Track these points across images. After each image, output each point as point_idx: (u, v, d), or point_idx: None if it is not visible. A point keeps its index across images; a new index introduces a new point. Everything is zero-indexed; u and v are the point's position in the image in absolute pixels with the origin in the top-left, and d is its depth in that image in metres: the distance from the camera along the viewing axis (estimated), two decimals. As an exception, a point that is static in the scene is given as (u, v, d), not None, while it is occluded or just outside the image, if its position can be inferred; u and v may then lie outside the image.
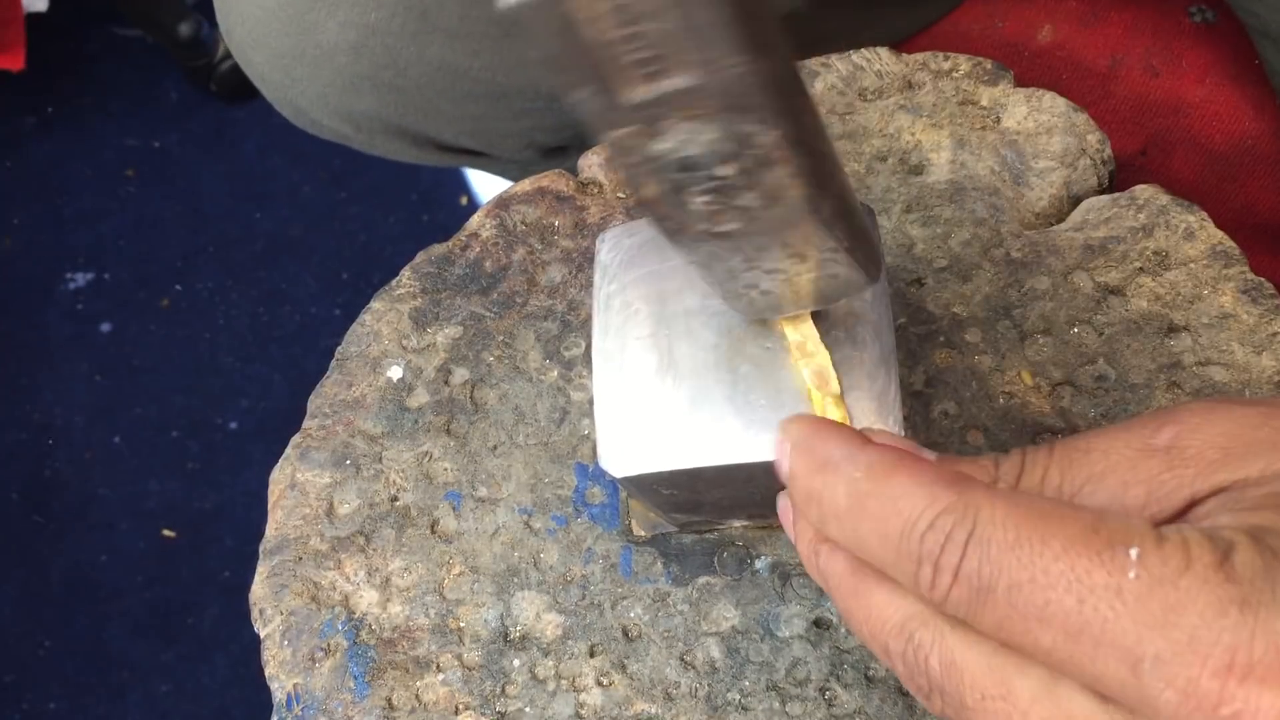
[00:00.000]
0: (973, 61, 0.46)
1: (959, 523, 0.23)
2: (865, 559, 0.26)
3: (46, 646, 1.16)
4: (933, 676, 0.25)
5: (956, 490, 0.23)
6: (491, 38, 0.57)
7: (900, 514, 0.24)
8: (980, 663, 0.24)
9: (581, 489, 0.40)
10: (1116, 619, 0.21)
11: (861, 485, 0.25)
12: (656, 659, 0.37)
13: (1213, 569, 0.21)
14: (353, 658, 0.38)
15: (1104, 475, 0.25)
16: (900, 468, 0.24)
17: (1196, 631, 0.21)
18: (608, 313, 0.33)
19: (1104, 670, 0.22)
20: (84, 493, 1.22)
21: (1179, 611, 0.21)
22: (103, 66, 1.45)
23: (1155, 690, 0.21)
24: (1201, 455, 0.25)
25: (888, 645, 0.26)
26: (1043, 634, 0.22)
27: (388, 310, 0.44)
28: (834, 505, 0.25)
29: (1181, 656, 0.21)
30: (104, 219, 1.36)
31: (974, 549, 0.23)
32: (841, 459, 0.25)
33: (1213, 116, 0.55)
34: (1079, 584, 0.21)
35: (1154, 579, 0.21)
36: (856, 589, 0.26)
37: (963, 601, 0.23)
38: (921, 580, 0.23)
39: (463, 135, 0.64)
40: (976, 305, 0.41)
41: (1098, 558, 0.22)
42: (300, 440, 0.42)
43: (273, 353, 1.28)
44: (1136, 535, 0.22)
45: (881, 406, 0.31)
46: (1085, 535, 0.22)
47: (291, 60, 0.59)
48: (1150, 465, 0.25)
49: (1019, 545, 0.22)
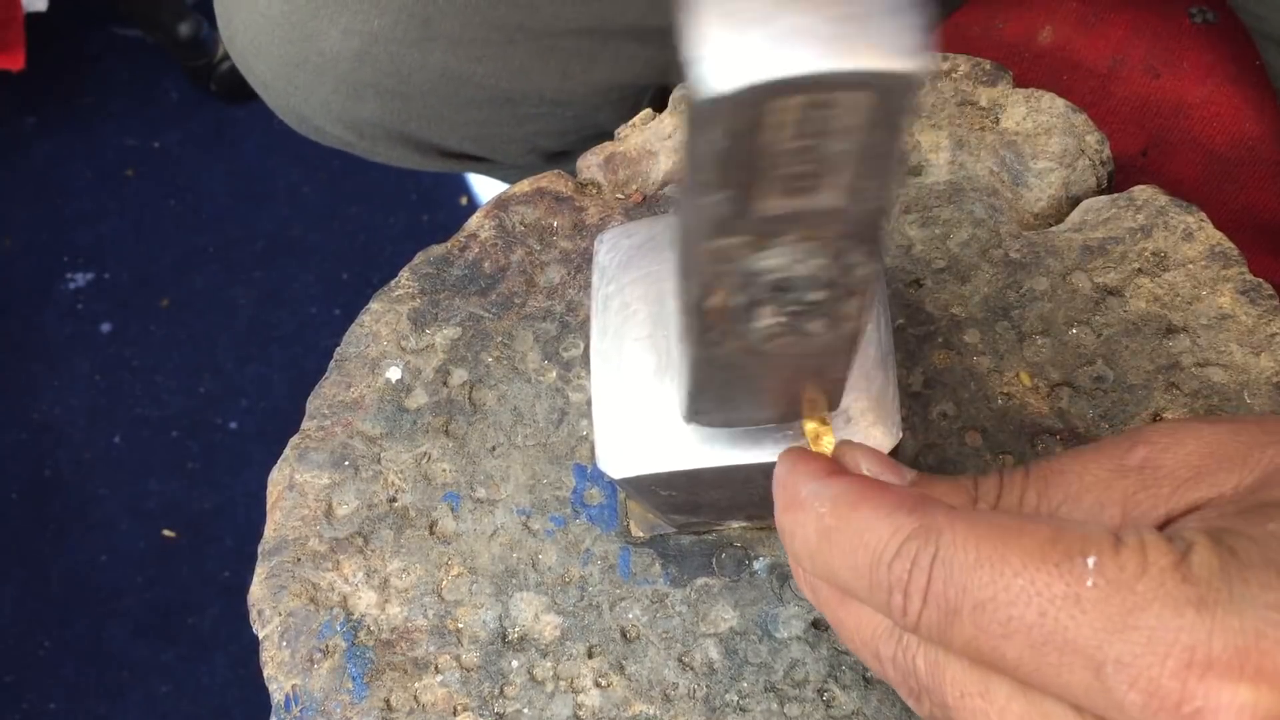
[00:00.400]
0: (971, 62, 0.46)
1: (922, 547, 0.23)
2: (844, 592, 0.26)
3: (46, 646, 1.16)
4: (920, 677, 0.25)
5: (918, 515, 0.24)
6: (495, 44, 0.57)
7: (866, 546, 0.24)
8: (960, 662, 0.24)
9: (580, 490, 0.40)
10: (1077, 627, 0.21)
11: (827, 521, 0.25)
12: (655, 660, 0.37)
13: (1169, 571, 0.21)
14: (351, 659, 0.38)
15: (1080, 496, 0.26)
16: (864, 500, 0.25)
17: (1154, 633, 0.21)
18: (606, 314, 0.33)
19: (1070, 679, 0.22)
20: (84, 493, 1.22)
21: (1137, 614, 0.21)
22: (103, 66, 1.45)
23: (1120, 693, 0.21)
24: (1174, 474, 0.25)
25: (879, 650, 0.26)
26: (1009, 649, 0.22)
27: (386, 311, 0.44)
28: (806, 543, 0.26)
29: (1141, 658, 0.21)
30: (104, 219, 1.36)
31: (938, 571, 0.23)
32: (808, 496, 0.26)
33: (1213, 118, 0.55)
34: (1039, 597, 0.22)
35: (1111, 585, 0.21)
36: (844, 599, 0.27)
37: (934, 624, 0.23)
38: (894, 608, 0.24)
39: (466, 141, 0.64)
40: (975, 306, 0.41)
41: (1055, 569, 0.22)
42: (299, 441, 0.42)
43: (273, 353, 1.28)
44: (1093, 543, 0.22)
45: (880, 408, 0.31)
46: (1043, 548, 0.22)
47: (294, 68, 0.59)
48: (1124, 485, 0.25)
49: (980, 565, 0.22)
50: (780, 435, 0.31)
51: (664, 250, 0.34)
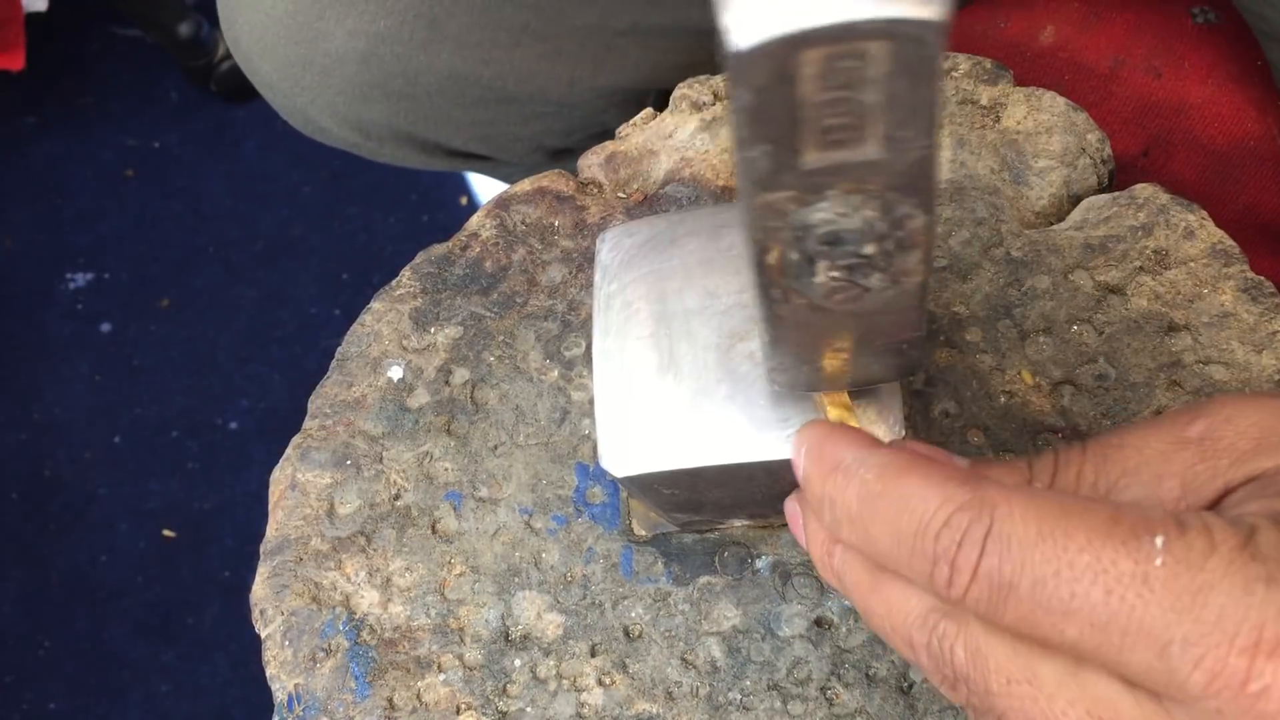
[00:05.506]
0: (972, 61, 0.46)
1: (975, 520, 0.23)
2: (879, 561, 0.26)
3: (46, 646, 1.16)
4: (958, 665, 0.25)
5: (971, 488, 0.23)
6: (502, 45, 0.57)
7: (913, 513, 0.24)
8: (1005, 648, 0.24)
9: (582, 489, 0.40)
10: (1145, 606, 0.21)
11: (873, 487, 0.25)
12: (658, 659, 0.37)
13: (1237, 550, 0.21)
14: (354, 658, 0.38)
15: (1138, 469, 0.26)
16: (913, 469, 0.24)
17: (1224, 611, 0.21)
18: (608, 312, 0.33)
19: (1131, 658, 0.22)
20: (84, 493, 1.22)
21: (1206, 593, 0.21)
22: (103, 66, 1.45)
23: (1183, 673, 0.21)
24: (1234, 446, 0.25)
25: (911, 637, 0.26)
26: (1069, 627, 0.22)
27: (388, 310, 0.44)
28: (846, 508, 0.25)
29: (1209, 637, 0.21)
30: (104, 219, 1.36)
31: (993, 546, 0.23)
32: (853, 462, 0.25)
33: (1215, 118, 0.55)
34: (1105, 574, 0.22)
35: (1180, 564, 0.21)
36: (875, 585, 0.26)
37: (982, 599, 0.23)
38: (937, 579, 0.23)
39: (472, 141, 0.64)
40: (977, 304, 0.41)
41: (1123, 547, 0.22)
42: (300, 440, 0.42)
43: (273, 353, 1.28)
44: (1159, 524, 0.22)
45: (882, 406, 0.31)
46: (1108, 527, 0.22)
47: (299, 69, 0.59)
48: (1184, 457, 0.25)
49: (1041, 540, 0.22)
50: (783, 434, 0.31)
51: (666, 249, 0.34)
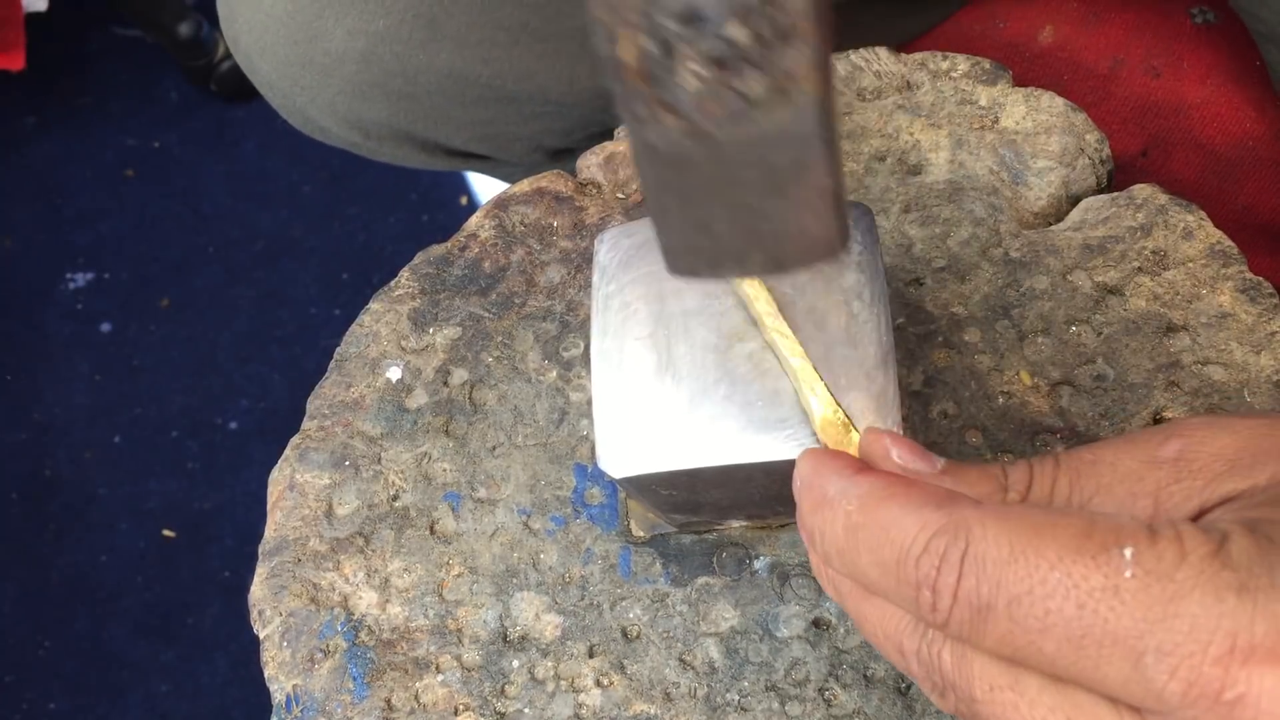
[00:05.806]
0: (971, 61, 0.46)
1: (952, 543, 0.23)
2: (869, 589, 0.26)
3: (46, 646, 1.16)
4: (945, 672, 0.25)
5: (946, 511, 0.24)
6: (501, 45, 0.57)
7: (893, 542, 0.24)
8: (988, 654, 0.24)
9: (580, 489, 0.40)
10: (1117, 619, 0.21)
11: (855, 518, 0.25)
12: (655, 659, 0.37)
13: (1208, 559, 0.21)
14: (352, 659, 0.38)
15: (1112, 486, 0.26)
16: (890, 496, 0.25)
17: (1196, 620, 0.21)
18: (606, 313, 0.33)
19: (1108, 671, 0.22)
20: (84, 493, 1.22)
21: (1178, 602, 0.21)
22: (103, 66, 1.45)
23: (1159, 683, 0.21)
24: (1208, 467, 0.25)
25: (902, 645, 0.26)
26: (1046, 643, 0.22)
27: (386, 311, 0.44)
28: (834, 540, 0.26)
29: (1183, 646, 0.21)
30: (104, 219, 1.36)
31: (970, 567, 0.23)
32: (835, 495, 0.26)
33: (1213, 118, 0.55)
34: (1076, 589, 0.22)
35: (1150, 574, 0.21)
36: (868, 594, 0.27)
37: (964, 621, 0.23)
38: (922, 604, 0.24)
39: (472, 140, 0.64)
40: (975, 305, 0.41)
41: (1092, 561, 0.22)
42: (299, 441, 0.42)
43: (273, 353, 1.28)
44: (1129, 534, 0.22)
45: (880, 407, 0.31)
46: (1078, 541, 0.22)
47: (299, 68, 0.59)
48: (1157, 477, 0.25)
49: (1014, 559, 0.22)
50: (781, 434, 0.31)
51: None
